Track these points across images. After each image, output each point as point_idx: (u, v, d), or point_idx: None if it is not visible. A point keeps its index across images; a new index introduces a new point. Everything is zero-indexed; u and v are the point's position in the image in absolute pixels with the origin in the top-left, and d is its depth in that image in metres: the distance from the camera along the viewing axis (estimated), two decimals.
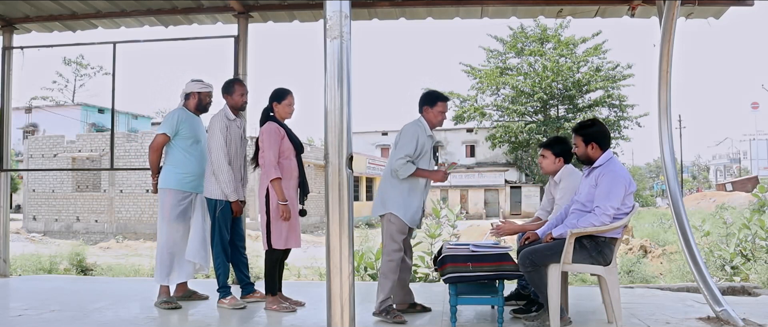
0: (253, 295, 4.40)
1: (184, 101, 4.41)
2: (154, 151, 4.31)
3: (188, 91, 4.40)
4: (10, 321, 3.92)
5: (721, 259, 8.15)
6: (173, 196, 4.27)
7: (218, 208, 4.18)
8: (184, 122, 4.30)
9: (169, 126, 4.27)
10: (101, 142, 23.92)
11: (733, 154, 69.88)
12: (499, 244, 4.01)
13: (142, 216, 22.66)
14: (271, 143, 4.02)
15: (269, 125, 4.10)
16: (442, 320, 3.82)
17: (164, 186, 4.29)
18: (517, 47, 34.19)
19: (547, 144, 4.05)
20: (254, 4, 5.45)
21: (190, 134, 4.33)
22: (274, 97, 4.20)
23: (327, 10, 2.52)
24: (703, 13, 5.14)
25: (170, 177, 4.28)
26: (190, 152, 4.32)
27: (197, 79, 4.43)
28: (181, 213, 4.30)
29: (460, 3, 5.28)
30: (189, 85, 4.41)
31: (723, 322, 3.68)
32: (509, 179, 37.97)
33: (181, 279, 4.40)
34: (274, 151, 4.02)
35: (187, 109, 4.40)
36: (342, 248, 2.50)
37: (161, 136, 4.27)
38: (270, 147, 4.02)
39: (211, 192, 4.21)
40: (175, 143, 4.30)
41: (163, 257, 4.28)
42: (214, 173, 4.15)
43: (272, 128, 4.08)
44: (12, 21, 5.86)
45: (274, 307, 4.11)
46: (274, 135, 4.04)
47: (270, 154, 4.00)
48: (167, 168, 4.31)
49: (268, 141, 4.04)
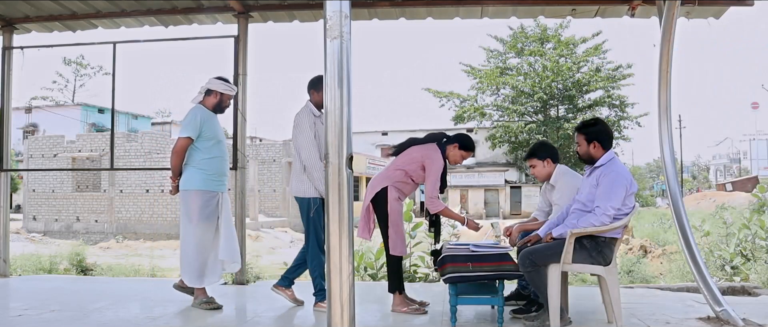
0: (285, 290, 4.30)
1: (204, 97, 4.28)
2: (177, 155, 4.16)
3: (211, 88, 4.26)
4: (10, 321, 3.92)
5: (721, 259, 8.15)
6: (200, 197, 4.18)
7: (312, 207, 4.07)
8: (206, 122, 4.19)
9: (192, 128, 4.14)
10: (101, 142, 23.92)
11: (733, 154, 69.90)
12: (499, 244, 4.01)
13: (142, 216, 22.64)
14: (438, 175, 3.95)
15: (438, 153, 4.00)
16: (442, 320, 3.82)
17: (189, 187, 4.18)
18: (517, 47, 34.15)
19: (530, 154, 4.06)
20: (254, 4, 5.45)
21: (212, 134, 4.22)
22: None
23: (327, 10, 2.52)
24: (703, 13, 5.14)
25: (195, 178, 4.18)
26: (213, 153, 4.22)
27: (224, 79, 4.32)
28: (210, 213, 4.20)
29: (460, 3, 5.28)
30: (214, 82, 4.27)
31: (723, 322, 3.67)
32: (509, 179, 37.98)
33: (214, 280, 4.29)
34: (437, 184, 3.94)
35: (204, 106, 4.27)
36: (342, 248, 2.50)
37: (185, 139, 4.13)
38: (437, 180, 3.94)
39: (302, 191, 4.10)
40: (197, 144, 4.18)
41: (195, 259, 4.17)
42: (307, 170, 4.04)
43: (441, 160, 3.99)
44: (12, 21, 5.86)
45: (403, 309, 4.00)
46: (438, 167, 3.95)
47: (434, 188, 3.94)
48: (190, 169, 4.20)
49: (437, 172, 3.95)
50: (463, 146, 4.09)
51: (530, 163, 4.05)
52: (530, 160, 4.04)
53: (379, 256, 6.67)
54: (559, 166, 4.01)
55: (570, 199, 3.76)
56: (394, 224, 3.98)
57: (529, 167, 4.09)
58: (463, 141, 4.10)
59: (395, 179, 4.02)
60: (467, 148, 4.10)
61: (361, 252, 6.89)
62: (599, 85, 32.08)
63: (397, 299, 4.03)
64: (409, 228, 6.74)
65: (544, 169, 4.00)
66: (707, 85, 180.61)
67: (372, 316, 4.03)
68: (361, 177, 32.70)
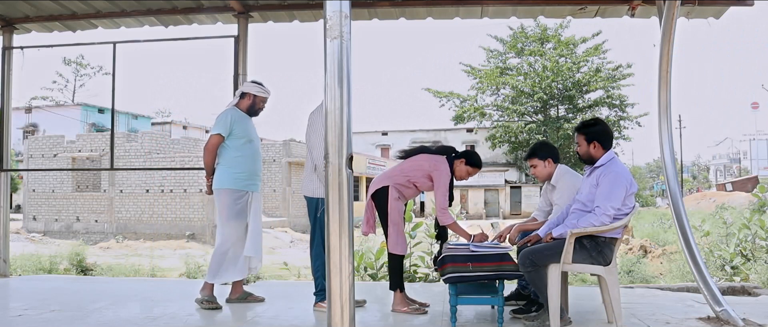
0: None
1: (238, 100, 4.38)
2: (208, 152, 4.25)
3: (245, 91, 4.37)
4: (10, 321, 3.92)
5: (721, 259, 8.15)
6: (229, 196, 4.22)
7: (320, 208, 4.07)
8: (237, 122, 4.26)
9: (223, 126, 4.22)
10: (101, 142, 23.91)
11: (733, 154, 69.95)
12: (499, 244, 4.02)
13: (142, 216, 22.64)
14: (447, 187, 3.98)
15: (446, 166, 4.02)
16: (442, 320, 3.82)
17: (220, 186, 4.23)
18: (517, 47, 34.17)
19: (530, 154, 4.06)
20: (254, 4, 5.45)
21: (243, 134, 4.28)
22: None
23: (327, 10, 2.52)
24: (703, 13, 5.14)
25: (225, 176, 4.24)
26: (244, 152, 4.27)
27: (258, 82, 4.41)
28: (238, 212, 4.24)
29: (460, 3, 5.28)
30: (248, 85, 4.39)
31: (723, 322, 3.67)
32: (509, 179, 38.00)
33: (235, 277, 4.32)
34: (446, 195, 3.98)
35: (238, 108, 4.36)
36: (342, 248, 2.50)
37: (216, 137, 4.21)
38: (446, 191, 3.97)
39: (311, 190, 4.12)
40: (228, 143, 4.24)
41: (217, 256, 4.23)
42: (317, 170, 4.06)
43: (449, 172, 4.02)
44: (12, 21, 5.86)
45: (403, 308, 4.01)
46: (446, 179, 3.99)
47: (444, 199, 3.96)
48: (221, 168, 4.26)
49: (445, 184, 3.98)
50: (470, 162, 4.12)
51: (531, 162, 4.05)
52: (531, 159, 4.05)
53: (379, 256, 6.67)
54: (559, 166, 4.00)
55: (570, 199, 3.76)
56: (394, 223, 3.99)
57: (530, 167, 4.09)
58: (470, 157, 4.14)
59: (397, 181, 4.03)
60: (474, 165, 4.14)
61: (361, 252, 6.89)
62: (599, 85, 32.10)
63: (397, 298, 4.04)
64: (409, 228, 6.74)
65: (545, 169, 4.00)
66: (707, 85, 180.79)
67: (372, 316, 4.03)
68: (361, 177, 32.71)
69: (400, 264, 4.07)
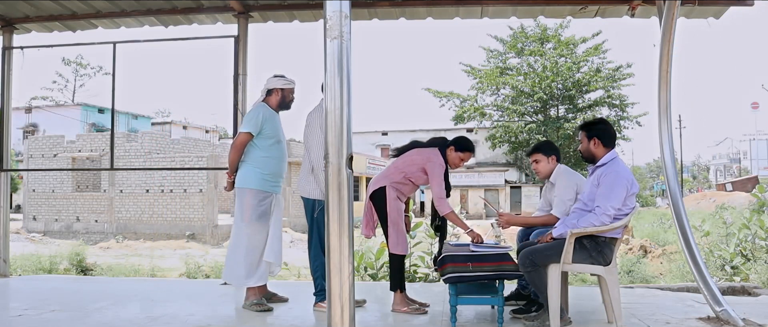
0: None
1: (265, 97, 4.23)
2: (236, 150, 4.10)
3: (271, 87, 4.23)
4: (10, 321, 3.92)
5: (721, 259, 8.15)
6: (254, 196, 4.12)
7: (317, 209, 4.02)
8: (267, 121, 4.12)
9: (253, 124, 4.08)
10: (101, 142, 23.92)
11: (733, 154, 69.94)
12: (499, 244, 4.02)
13: (142, 216, 22.64)
14: (442, 177, 3.96)
15: (439, 157, 4.01)
16: (442, 320, 3.82)
17: (244, 185, 4.12)
18: (517, 47, 34.14)
19: (535, 149, 4.09)
20: (254, 4, 5.45)
21: (273, 133, 4.16)
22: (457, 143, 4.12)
23: (327, 10, 2.52)
24: (703, 13, 5.15)
25: (251, 176, 4.12)
26: (271, 152, 4.16)
27: (279, 75, 4.27)
28: (262, 213, 4.14)
29: (460, 3, 5.28)
30: (271, 81, 4.24)
31: (723, 322, 3.67)
32: (509, 179, 37.98)
33: (263, 280, 4.23)
34: (442, 185, 3.96)
35: (268, 105, 4.22)
36: (342, 248, 2.50)
37: (245, 134, 4.08)
38: (441, 181, 3.95)
39: (308, 191, 4.06)
40: (256, 142, 4.12)
41: (244, 258, 4.11)
42: (315, 171, 4.01)
43: (442, 162, 4.00)
44: (12, 21, 5.86)
45: (403, 308, 3.99)
46: (440, 169, 3.97)
47: (440, 189, 3.94)
48: (247, 167, 4.13)
49: (439, 174, 3.96)
50: (460, 147, 4.07)
51: (534, 157, 4.07)
52: (535, 154, 4.07)
53: (379, 256, 6.67)
54: (559, 165, 4.05)
55: (565, 195, 3.84)
56: (394, 223, 3.98)
57: (532, 163, 4.10)
58: (459, 142, 4.09)
59: (393, 179, 4.02)
60: (464, 149, 4.07)
61: (361, 252, 6.89)
62: (599, 85, 32.08)
63: (397, 298, 4.03)
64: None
65: (547, 165, 4.03)
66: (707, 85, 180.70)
67: (372, 316, 4.03)
68: (361, 177, 32.71)
69: (402, 264, 4.07)
